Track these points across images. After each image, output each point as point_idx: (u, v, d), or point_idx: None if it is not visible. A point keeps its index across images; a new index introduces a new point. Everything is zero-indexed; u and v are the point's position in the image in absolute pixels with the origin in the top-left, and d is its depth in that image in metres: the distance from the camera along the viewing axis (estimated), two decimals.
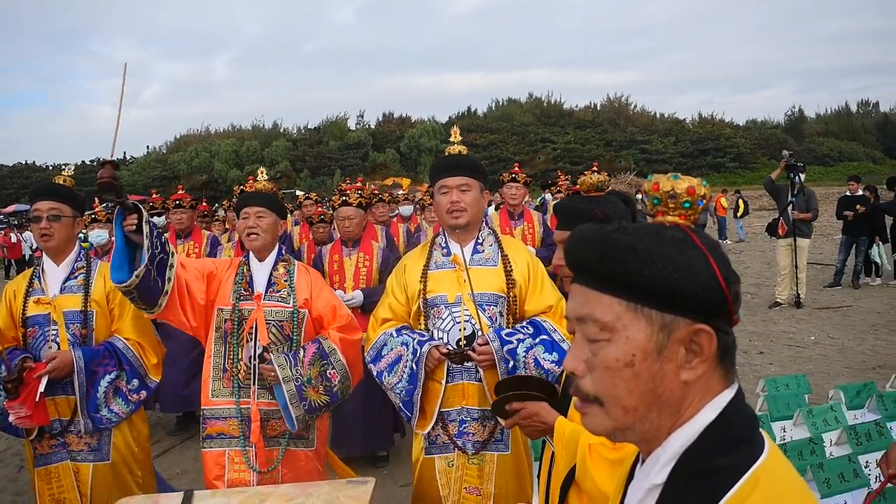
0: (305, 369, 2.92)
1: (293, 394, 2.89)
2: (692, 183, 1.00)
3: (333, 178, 43.70)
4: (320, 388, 2.96)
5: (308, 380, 2.92)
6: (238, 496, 2.54)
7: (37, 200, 3.06)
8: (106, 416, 3.05)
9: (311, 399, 2.94)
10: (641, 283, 0.89)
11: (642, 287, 0.89)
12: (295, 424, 2.91)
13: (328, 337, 3.05)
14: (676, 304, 0.89)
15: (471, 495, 2.76)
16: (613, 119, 57.93)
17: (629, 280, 0.90)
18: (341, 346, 3.06)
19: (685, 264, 0.89)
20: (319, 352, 2.99)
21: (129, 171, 51.32)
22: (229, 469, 2.99)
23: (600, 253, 0.92)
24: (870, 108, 65.15)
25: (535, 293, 2.82)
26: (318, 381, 2.96)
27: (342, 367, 3.04)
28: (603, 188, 2.10)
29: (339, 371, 3.02)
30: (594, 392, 0.94)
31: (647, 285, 0.89)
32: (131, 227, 2.59)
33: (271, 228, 3.09)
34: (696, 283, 0.88)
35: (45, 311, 3.04)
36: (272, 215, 3.10)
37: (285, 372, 2.87)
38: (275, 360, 2.88)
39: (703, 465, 0.89)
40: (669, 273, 0.88)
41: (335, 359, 3.02)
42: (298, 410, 2.89)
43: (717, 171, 47.44)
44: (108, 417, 3.05)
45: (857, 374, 6.35)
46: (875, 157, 53.45)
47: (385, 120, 59.96)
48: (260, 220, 3.05)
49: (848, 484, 2.80)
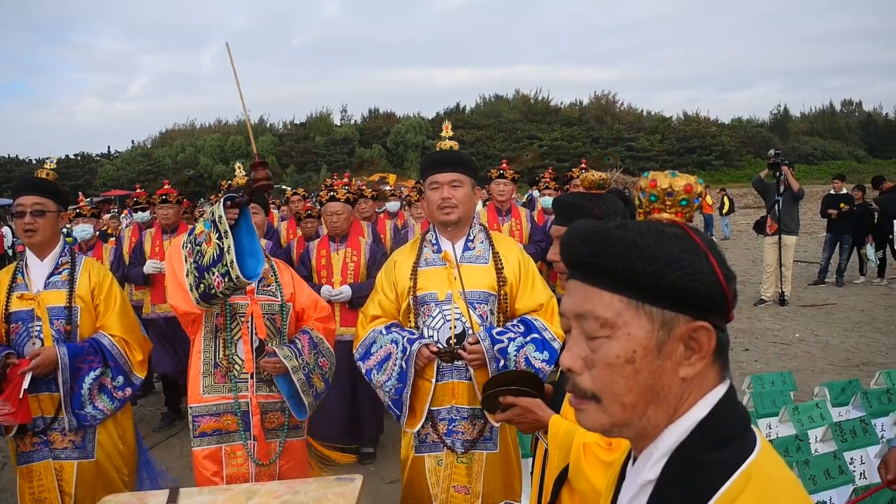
0: (308, 357, 3.01)
1: (303, 382, 2.96)
2: (689, 181, 1.01)
3: (320, 173, 43.53)
4: (320, 376, 3.08)
5: (313, 367, 3.03)
6: (225, 493, 2.52)
7: (20, 195, 3.02)
8: (91, 414, 3.01)
9: (316, 386, 3.05)
10: (644, 281, 0.89)
11: (645, 284, 0.89)
12: (307, 412, 3.00)
13: (314, 328, 3.14)
14: (678, 301, 0.89)
15: (459, 494, 2.75)
16: (600, 116, 58.00)
17: (632, 277, 0.90)
18: (325, 335, 3.18)
19: (687, 262, 0.89)
20: (311, 342, 3.08)
21: (114, 166, 50.85)
22: (227, 464, 2.98)
23: (602, 249, 0.92)
24: (853, 108, 65.71)
25: (526, 291, 2.81)
26: (318, 371, 3.08)
27: (330, 355, 3.18)
28: (604, 186, 2.09)
29: (328, 359, 3.16)
30: (592, 389, 0.94)
31: (650, 282, 0.89)
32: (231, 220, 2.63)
33: (258, 225, 3.14)
34: (697, 280, 0.89)
35: (28, 307, 3.00)
36: (258, 210, 3.18)
37: (293, 362, 2.93)
38: (279, 352, 2.91)
39: (696, 460, 0.90)
40: (672, 270, 0.88)
41: (324, 347, 3.15)
42: (309, 398, 2.99)
43: (702, 169, 47.67)
44: (92, 415, 3.02)
45: (841, 372, 6.42)
46: (859, 155, 53.96)
47: (371, 116, 59.77)
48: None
49: (833, 480, 2.82)
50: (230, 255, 2.54)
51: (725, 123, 59.62)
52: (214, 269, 2.59)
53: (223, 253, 2.57)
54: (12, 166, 50.54)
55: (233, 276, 2.54)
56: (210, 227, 2.65)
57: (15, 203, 3.02)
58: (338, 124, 56.74)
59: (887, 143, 55.55)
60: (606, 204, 1.96)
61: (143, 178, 36.95)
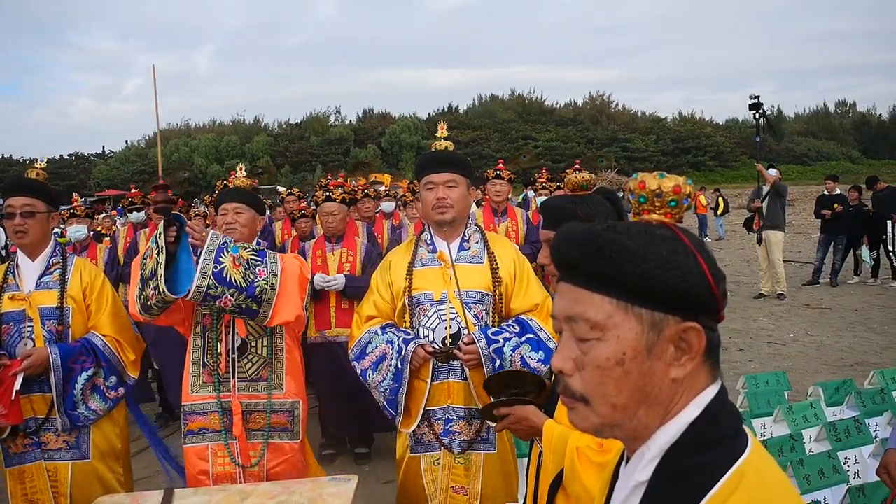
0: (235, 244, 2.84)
1: (211, 250, 2.76)
2: (678, 181, 1.01)
3: (315, 173, 43.46)
4: (241, 268, 2.78)
5: (234, 248, 2.81)
6: (220, 494, 2.52)
7: (9, 196, 3.00)
8: (83, 414, 3.00)
9: (227, 267, 2.75)
10: (633, 283, 0.89)
11: (634, 286, 0.89)
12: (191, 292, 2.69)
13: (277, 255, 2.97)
14: (667, 302, 0.89)
15: (458, 495, 2.75)
16: (595, 117, 58.14)
17: (621, 279, 0.89)
18: (288, 262, 2.94)
19: (676, 263, 0.89)
20: (259, 251, 2.91)
21: (108, 166, 50.73)
22: (213, 463, 2.99)
23: (591, 252, 0.92)
24: (847, 108, 66.04)
25: (521, 291, 2.81)
26: (242, 263, 2.80)
27: (274, 273, 2.84)
28: (588, 187, 2.09)
29: (269, 273, 2.83)
30: (581, 391, 0.94)
31: (640, 284, 0.89)
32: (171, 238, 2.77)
33: (249, 223, 3.13)
34: (686, 281, 0.89)
35: (20, 308, 2.98)
36: (250, 211, 3.14)
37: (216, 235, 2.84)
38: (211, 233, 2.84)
39: (688, 461, 0.90)
40: (662, 272, 0.88)
41: (271, 260, 2.88)
42: (207, 269, 2.71)
43: (697, 170, 47.81)
44: (85, 415, 3.00)
45: (835, 372, 6.43)
46: (852, 156, 54.23)
47: (366, 116, 59.75)
48: (238, 215, 3.10)
49: (827, 480, 2.83)
50: (160, 269, 2.69)
51: (720, 124, 59.92)
52: (150, 282, 2.72)
53: (157, 267, 2.71)
54: (6, 166, 50.37)
55: (160, 289, 2.66)
56: (154, 242, 2.79)
57: (5, 204, 3.00)
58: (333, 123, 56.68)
59: (881, 143, 55.88)
60: (590, 205, 1.95)
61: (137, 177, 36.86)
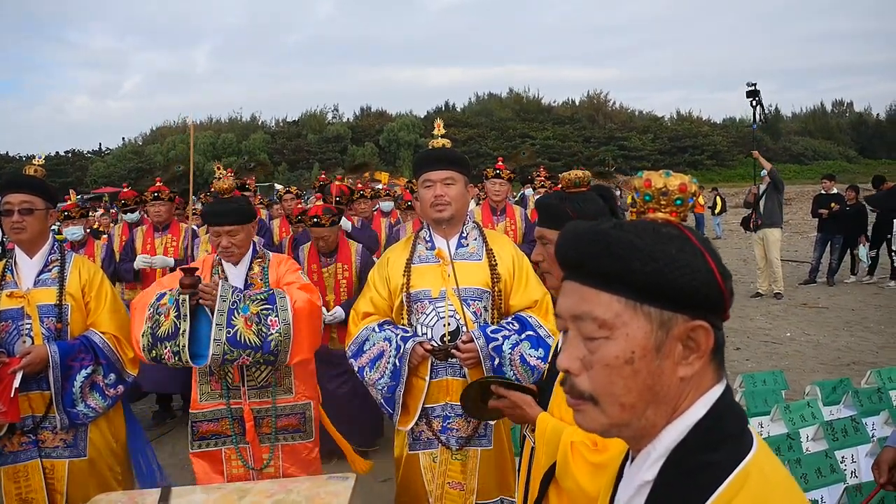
0: (245, 302, 2.83)
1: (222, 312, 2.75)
2: (684, 180, 1.01)
3: (312, 171, 43.38)
4: (253, 326, 2.77)
5: (244, 308, 2.80)
6: (217, 492, 2.52)
7: (7, 193, 2.98)
8: (82, 412, 2.99)
9: (240, 330, 2.75)
10: (642, 281, 0.89)
11: (643, 285, 0.89)
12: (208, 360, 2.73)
13: (286, 291, 2.94)
14: (676, 301, 0.89)
15: (454, 490, 2.75)
16: (592, 115, 58.08)
17: (629, 277, 0.89)
18: (297, 300, 2.90)
19: (684, 262, 0.89)
20: (268, 295, 2.88)
21: (105, 163, 50.55)
22: (227, 465, 3.04)
23: (598, 250, 0.91)
24: (844, 108, 66.01)
25: (520, 288, 2.81)
26: (254, 320, 2.79)
27: (286, 321, 2.82)
28: (581, 184, 2.09)
29: (280, 322, 2.81)
30: (590, 390, 0.93)
31: (648, 283, 0.89)
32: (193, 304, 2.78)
33: (245, 242, 3.11)
34: (696, 280, 0.89)
35: (18, 305, 2.97)
36: (244, 228, 3.07)
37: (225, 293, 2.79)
38: (221, 284, 2.82)
39: (694, 460, 0.89)
40: (670, 271, 0.88)
41: (282, 306, 2.84)
42: (220, 336, 2.72)
43: (694, 169, 47.76)
44: (84, 413, 2.99)
45: (831, 371, 6.44)
46: (849, 156, 54.23)
47: (363, 114, 59.64)
48: (233, 237, 3.05)
49: (825, 479, 2.84)
50: (184, 338, 2.72)
51: (717, 123, 59.86)
52: (168, 344, 2.75)
53: (178, 333, 2.73)
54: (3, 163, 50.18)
55: (183, 359, 2.73)
56: (173, 303, 2.80)
57: (2, 201, 2.98)
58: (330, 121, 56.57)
59: (878, 143, 55.92)
60: (581, 202, 1.96)
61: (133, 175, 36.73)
